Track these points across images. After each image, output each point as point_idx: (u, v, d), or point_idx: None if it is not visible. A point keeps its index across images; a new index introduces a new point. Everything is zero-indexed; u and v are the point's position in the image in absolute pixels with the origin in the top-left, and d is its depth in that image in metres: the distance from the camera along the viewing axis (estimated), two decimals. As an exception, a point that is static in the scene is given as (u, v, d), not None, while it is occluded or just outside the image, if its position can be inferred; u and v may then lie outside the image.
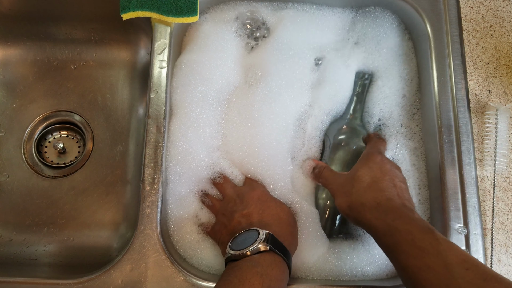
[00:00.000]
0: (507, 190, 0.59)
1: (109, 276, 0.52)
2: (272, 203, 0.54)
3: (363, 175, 0.49)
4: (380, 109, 0.63)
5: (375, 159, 0.52)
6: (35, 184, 0.68)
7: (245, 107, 0.60)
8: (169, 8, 0.58)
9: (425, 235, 0.41)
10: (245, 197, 0.54)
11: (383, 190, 0.47)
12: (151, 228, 0.53)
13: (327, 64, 0.64)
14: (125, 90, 0.73)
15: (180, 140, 0.58)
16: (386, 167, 0.51)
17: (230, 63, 0.62)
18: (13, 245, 0.65)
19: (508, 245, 0.57)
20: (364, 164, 0.51)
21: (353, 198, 0.48)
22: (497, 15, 0.65)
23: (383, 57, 0.64)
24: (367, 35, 0.64)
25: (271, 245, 0.45)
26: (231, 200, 0.55)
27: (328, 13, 0.65)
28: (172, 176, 0.57)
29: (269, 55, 0.62)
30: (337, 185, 0.52)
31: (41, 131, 0.71)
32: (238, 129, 0.60)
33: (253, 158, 0.58)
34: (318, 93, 0.62)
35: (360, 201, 0.47)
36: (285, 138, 0.60)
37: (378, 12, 0.65)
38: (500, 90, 0.62)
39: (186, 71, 0.60)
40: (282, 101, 0.60)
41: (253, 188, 0.55)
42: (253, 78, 0.62)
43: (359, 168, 0.51)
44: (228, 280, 0.43)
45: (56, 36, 0.73)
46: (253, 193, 0.54)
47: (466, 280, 0.37)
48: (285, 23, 0.64)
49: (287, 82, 0.61)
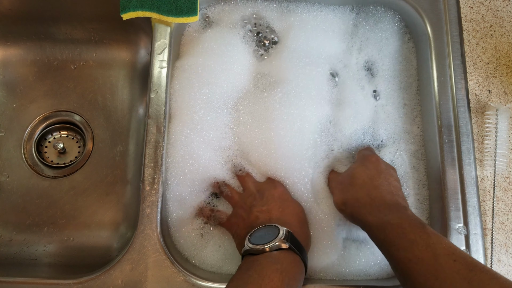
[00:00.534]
0: (507, 190, 0.59)
1: (109, 276, 0.52)
2: (292, 203, 0.55)
3: (359, 173, 0.51)
4: (385, 129, 0.62)
5: (371, 158, 0.54)
6: (35, 184, 0.68)
7: (258, 111, 0.60)
8: (169, 8, 0.58)
9: (416, 229, 0.42)
10: (265, 193, 0.54)
11: (377, 188, 0.49)
12: (151, 228, 0.53)
13: (342, 83, 0.63)
14: (125, 90, 0.73)
15: (181, 141, 0.58)
16: (381, 166, 0.53)
17: (237, 68, 0.61)
18: (13, 245, 0.65)
19: (508, 245, 0.57)
20: (361, 164, 0.53)
21: (349, 195, 0.50)
22: (497, 15, 0.65)
23: (386, 66, 0.64)
24: (370, 41, 0.64)
25: (291, 244, 0.46)
26: (251, 194, 0.55)
27: (329, 14, 0.65)
28: (172, 176, 0.57)
29: (281, 61, 0.62)
30: (335, 184, 0.55)
31: (41, 131, 0.71)
32: (252, 131, 0.59)
33: (270, 159, 0.58)
34: (337, 109, 0.62)
35: (355, 197, 0.49)
36: (302, 142, 0.58)
37: (378, 12, 0.65)
38: (500, 90, 0.62)
39: (189, 73, 0.60)
40: (299, 106, 0.59)
41: (274, 186, 0.56)
42: (267, 83, 0.61)
43: (355, 167, 0.53)
44: (248, 274, 0.43)
45: (56, 36, 0.73)
46: (274, 190, 0.55)
47: (453, 270, 0.38)
48: (292, 26, 0.63)
49: (304, 88, 0.60)
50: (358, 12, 0.66)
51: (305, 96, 0.60)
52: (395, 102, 0.63)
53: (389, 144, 0.62)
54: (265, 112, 0.59)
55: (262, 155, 0.58)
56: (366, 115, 0.62)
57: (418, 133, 0.62)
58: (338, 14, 0.65)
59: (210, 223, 0.57)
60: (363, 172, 0.51)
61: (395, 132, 0.62)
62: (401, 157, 0.61)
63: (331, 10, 0.65)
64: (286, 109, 0.59)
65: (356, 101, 0.62)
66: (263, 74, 0.62)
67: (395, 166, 0.58)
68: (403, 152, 0.61)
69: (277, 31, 0.65)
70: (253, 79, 0.62)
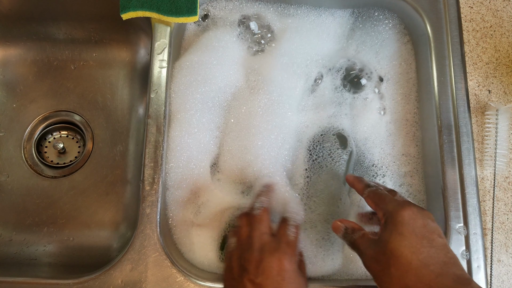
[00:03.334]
0: (507, 190, 0.59)
1: (109, 276, 0.52)
2: (292, 285, 0.43)
3: (397, 249, 0.41)
4: (381, 148, 0.61)
5: (403, 219, 0.42)
6: (35, 184, 0.68)
7: (244, 114, 0.59)
8: (169, 8, 0.58)
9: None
10: (264, 259, 0.44)
11: (428, 265, 0.39)
12: (151, 228, 0.53)
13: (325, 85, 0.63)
14: (125, 90, 0.73)
15: (180, 141, 0.58)
16: (417, 224, 0.42)
17: (232, 64, 0.61)
18: (13, 245, 0.65)
19: (508, 245, 0.57)
20: (394, 231, 0.42)
21: (396, 283, 0.40)
22: (497, 15, 0.65)
23: (384, 69, 0.64)
24: (366, 44, 0.64)
25: None
26: (251, 249, 0.45)
27: (328, 17, 0.65)
28: (172, 176, 0.57)
29: (272, 61, 0.62)
30: (371, 264, 0.43)
31: (41, 131, 0.71)
32: (233, 138, 0.59)
33: (244, 171, 0.57)
34: (318, 115, 0.62)
35: (405, 285, 0.39)
36: (280, 153, 0.58)
37: (377, 13, 0.65)
38: (500, 90, 0.62)
39: (186, 72, 0.60)
40: (281, 114, 0.59)
41: (278, 253, 0.44)
42: (255, 81, 0.61)
43: (388, 239, 0.42)
44: None
45: (56, 36, 0.73)
46: (274, 261, 0.43)
47: None
48: (288, 28, 0.63)
49: (287, 94, 0.60)
50: (357, 16, 0.66)
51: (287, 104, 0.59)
52: (398, 119, 0.63)
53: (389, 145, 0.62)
54: (248, 117, 0.59)
55: (237, 167, 0.57)
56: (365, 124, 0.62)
57: (418, 133, 0.62)
58: (337, 18, 0.65)
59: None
60: (402, 246, 0.41)
61: (395, 147, 0.62)
62: (401, 155, 0.61)
63: (331, 14, 0.65)
64: (267, 116, 0.58)
65: (342, 106, 0.62)
66: (253, 69, 0.62)
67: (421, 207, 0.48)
68: (403, 149, 0.61)
69: (275, 32, 0.65)
70: (245, 74, 0.62)
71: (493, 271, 0.55)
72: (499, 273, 0.56)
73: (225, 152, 0.59)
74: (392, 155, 0.61)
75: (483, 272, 0.54)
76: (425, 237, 0.41)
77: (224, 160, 0.59)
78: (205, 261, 0.56)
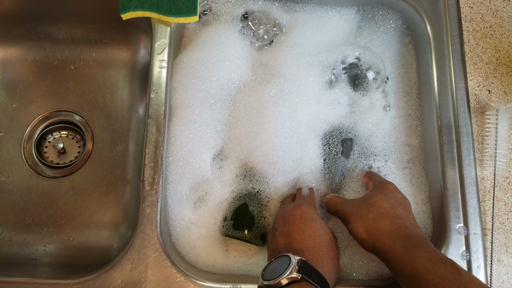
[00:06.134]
0: (507, 190, 0.59)
1: (109, 276, 0.52)
2: (315, 223, 0.50)
3: (379, 201, 0.50)
4: (385, 141, 0.62)
5: (389, 187, 0.53)
6: (35, 184, 0.68)
7: (253, 103, 0.59)
8: (169, 8, 0.58)
9: (446, 264, 0.41)
10: (287, 213, 0.52)
11: (400, 217, 0.48)
12: (151, 228, 0.53)
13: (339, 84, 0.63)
14: (125, 90, 0.73)
15: (180, 140, 0.58)
16: (399, 196, 0.52)
17: (235, 59, 0.61)
18: (13, 245, 0.65)
19: (508, 245, 0.57)
20: (379, 192, 0.52)
21: (371, 223, 0.48)
22: (497, 15, 0.65)
23: (389, 68, 0.64)
24: (373, 43, 0.65)
25: (303, 274, 0.43)
26: (278, 216, 0.53)
27: (335, 14, 0.65)
28: (172, 176, 0.57)
29: (282, 52, 0.62)
30: (350, 210, 0.51)
31: (41, 131, 0.71)
32: (241, 125, 0.59)
33: (252, 156, 0.58)
34: (330, 112, 0.62)
35: (378, 225, 0.47)
36: (291, 142, 0.58)
37: (380, 13, 0.65)
38: (500, 90, 0.62)
39: (186, 70, 0.60)
40: (292, 105, 0.59)
41: (297, 205, 0.53)
42: (264, 75, 0.61)
43: (374, 195, 0.51)
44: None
45: (56, 36, 0.73)
46: (296, 210, 0.51)
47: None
48: (295, 23, 0.64)
49: (299, 87, 0.60)
50: (363, 15, 0.66)
51: (299, 96, 0.59)
52: (402, 115, 0.63)
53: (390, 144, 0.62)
54: (257, 107, 0.59)
55: (245, 152, 0.58)
56: (371, 120, 0.62)
57: (418, 134, 0.62)
58: (344, 16, 0.65)
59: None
60: (384, 201, 0.50)
61: (397, 143, 0.62)
62: (401, 154, 0.61)
63: (337, 11, 0.65)
64: (278, 106, 0.58)
65: (353, 104, 0.62)
66: (261, 63, 0.62)
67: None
68: (403, 148, 0.61)
69: (281, 25, 0.64)
70: (252, 69, 0.62)
71: (493, 271, 0.55)
72: (499, 273, 0.56)
73: (232, 138, 0.59)
74: (395, 146, 0.62)
75: (483, 272, 0.54)
76: (401, 204, 0.51)
77: (229, 147, 0.59)
78: (205, 261, 0.56)
